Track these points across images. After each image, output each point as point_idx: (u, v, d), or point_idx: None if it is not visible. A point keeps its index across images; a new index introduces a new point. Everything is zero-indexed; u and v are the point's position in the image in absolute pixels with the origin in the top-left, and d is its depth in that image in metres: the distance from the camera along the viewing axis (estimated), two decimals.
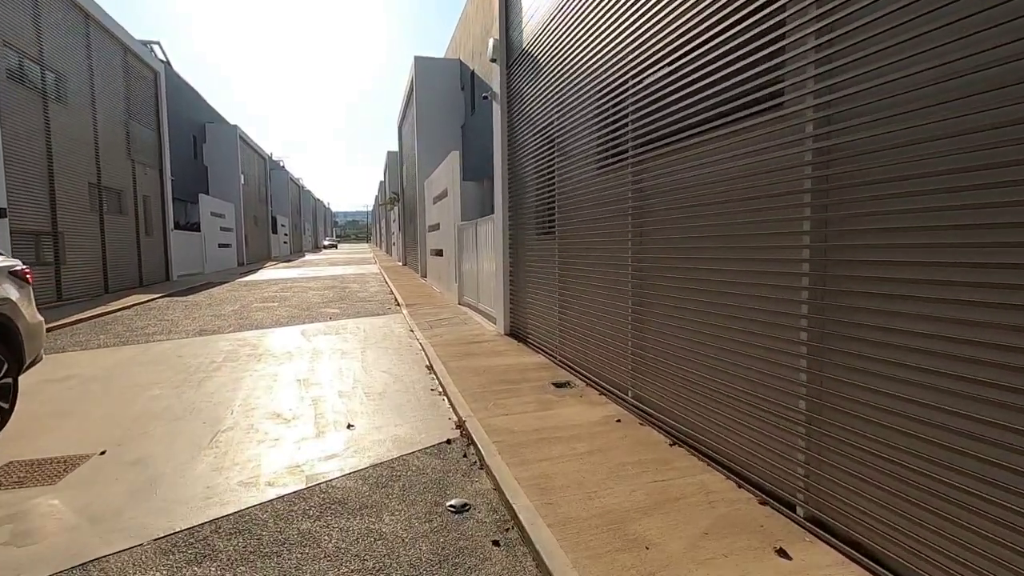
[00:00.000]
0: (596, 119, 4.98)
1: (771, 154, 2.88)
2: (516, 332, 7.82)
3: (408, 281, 18.36)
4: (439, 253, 14.85)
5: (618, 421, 4.27)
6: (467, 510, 3.09)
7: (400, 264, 29.42)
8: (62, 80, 13.12)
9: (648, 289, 4.18)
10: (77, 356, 7.44)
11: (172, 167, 24.80)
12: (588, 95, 5.08)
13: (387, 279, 19.48)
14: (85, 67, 14.20)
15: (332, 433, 4.35)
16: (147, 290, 16.03)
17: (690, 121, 3.58)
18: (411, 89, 20.77)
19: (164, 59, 26.88)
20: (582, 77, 5.18)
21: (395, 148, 33.66)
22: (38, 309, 5.25)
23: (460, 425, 4.41)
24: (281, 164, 56.10)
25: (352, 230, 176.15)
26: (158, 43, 26.97)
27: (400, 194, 29.70)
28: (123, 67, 16.51)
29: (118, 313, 11.77)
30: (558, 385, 5.30)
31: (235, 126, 31.00)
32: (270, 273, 24.80)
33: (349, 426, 4.48)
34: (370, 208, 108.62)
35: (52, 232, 12.48)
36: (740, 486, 3.13)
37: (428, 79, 19.46)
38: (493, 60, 7.93)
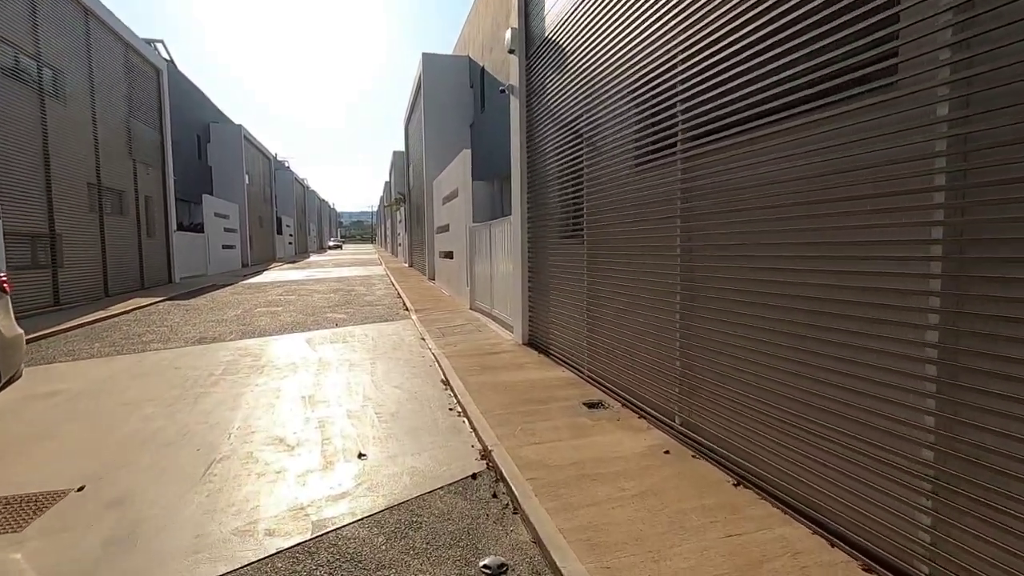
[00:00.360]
0: (635, 110, 4.46)
1: (881, 144, 2.35)
2: (536, 342, 7.30)
3: (415, 284, 17.88)
4: (448, 255, 14.35)
5: (666, 452, 3.74)
6: (505, 573, 2.58)
7: (406, 266, 28.96)
8: (60, 77, 12.69)
9: (702, 301, 3.66)
10: (67, 368, 6.97)
11: (175, 167, 24.43)
12: (625, 83, 4.56)
13: (394, 282, 19.01)
14: (84, 64, 13.78)
15: (341, 464, 3.84)
16: (148, 293, 15.60)
17: (763, 108, 3.05)
18: (418, 86, 20.29)
19: (168, 58, 26.56)
20: (618, 63, 4.66)
21: (401, 148, 33.22)
22: (22, 319, 4.77)
23: (485, 455, 3.90)
24: (286, 164, 55.80)
25: (357, 231, 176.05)
26: (161, 42, 26.66)
27: (406, 195, 29.23)
28: (124, 64, 16.09)
29: (117, 318, 11.32)
30: (590, 406, 4.78)
31: (239, 125, 30.63)
32: (275, 275, 24.38)
33: (360, 455, 3.98)
34: (375, 209, 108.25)
35: (49, 234, 12.05)
36: (833, 544, 2.60)
37: (436, 76, 18.98)
38: (511, 51, 7.42)
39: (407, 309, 11.96)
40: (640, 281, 4.44)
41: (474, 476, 3.63)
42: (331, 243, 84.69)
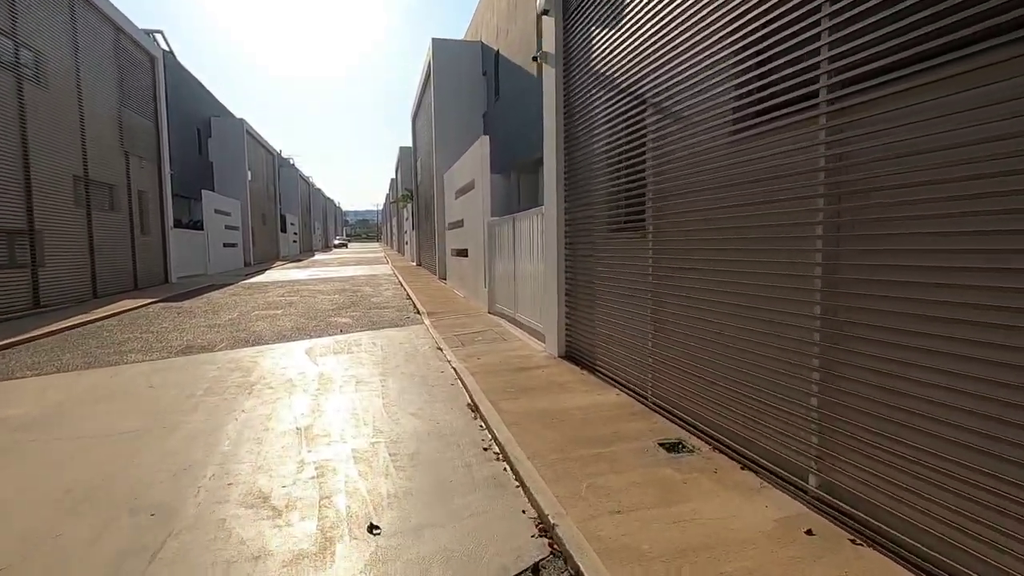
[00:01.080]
0: (736, 59, 3.33)
1: None
2: (577, 355, 6.19)
3: (425, 284, 16.79)
4: (462, 253, 13.25)
5: (809, 533, 2.62)
6: None
7: (414, 264, 27.91)
8: (41, 59, 11.68)
9: (866, 314, 2.53)
10: (24, 386, 5.92)
11: (175, 162, 23.45)
12: (719, 23, 3.43)
13: (402, 281, 17.93)
14: (69, 46, 12.75)
15: (345, 544, 2.75)
16: (141, 294, 14.60)
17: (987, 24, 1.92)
18: (427, 75, 19.19)
19: (167, 48, 25.61)
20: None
21: (407, 144, 32.15)
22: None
23: (546, 530, 2.80)
24: (291, 162, 54.91)
25: (362, 229, 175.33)
26: (160, 32, 25.64)
27: (414, 191, 28.18)
28: (115, 49, 15.07)
29: (100, 323, 10.29)
30: (669, 448, 3.67)
31: (241, 119, 29.64)
32: (277, 274, 23.37)
33: (372, 528, 2.88)
34: (380, 207, 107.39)
35: (28, 230, 11.04)
36: None
37: (446, 63, 17.87)
38: (544, 12, 6.30)
39: (418, 312, 10.87)
40: (743, 283, 3.32)
41: (536, 570, 2.52)
42: (336, 241, 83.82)
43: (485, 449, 3.95)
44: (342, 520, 2.97)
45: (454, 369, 6.14)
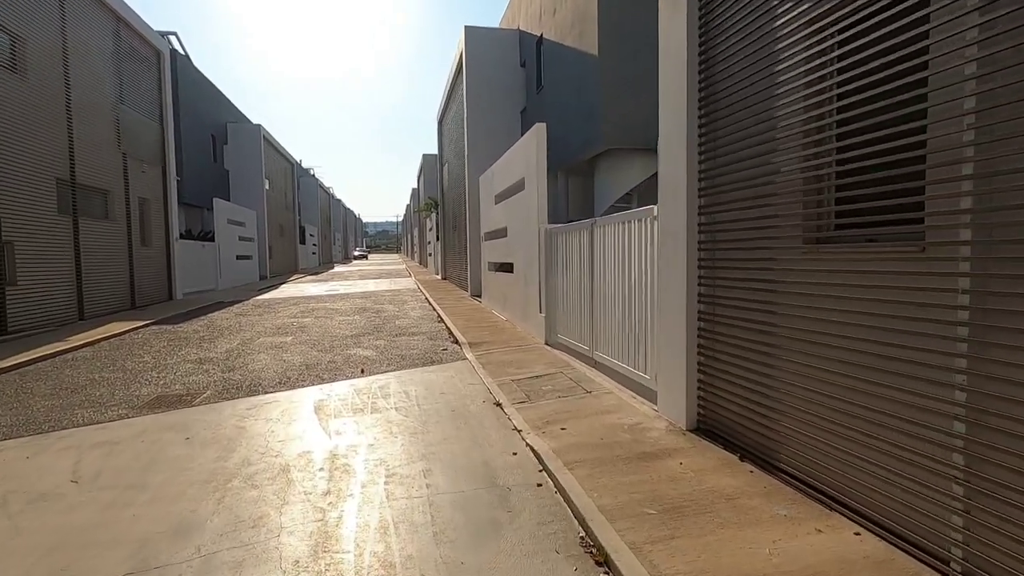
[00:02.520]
0: None
1: None
2: (719, 431, 4.04)
3: (456, 302, 14.76)
4: (505, 268, 11.20)
5: None
6: None
7: (439, 278, 25.99)
8: (18, 44, 10.03)
9: None
10: None
11: (187, 169, 22.00)
12: None
13: (429, 298, 15.95)
14: (55, 32, 11.14)
15: None
16: (137, 314, 12.83)
17: None
18: (459, 67, 17.34)
19: (182, 51, 24.35)
20: None
21: (430, 151, 30.53)
22: None
23: None
24: (311, 172, 53.83)
25: (382, 240, 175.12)
26: (175, 34, 24.43)
27: (439, 199, 26.34)
28: (114, 41, 13.49)
29: (70, 354, 8.44)
30: None
31: (258, 125, 28.21)
32: (293, 289, 21.62)
33: None
34: (400, 218, 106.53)
35: None
36: None
37: (481, 54, 15.99)
38: None
39: (456, 342, 8.81)
40: None
41: None
42: (356, 253, 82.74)
43: None
44: None
45: (532, 452, 4.04)
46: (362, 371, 6.90)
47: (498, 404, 5.34)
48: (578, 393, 5.54)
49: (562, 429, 4.45)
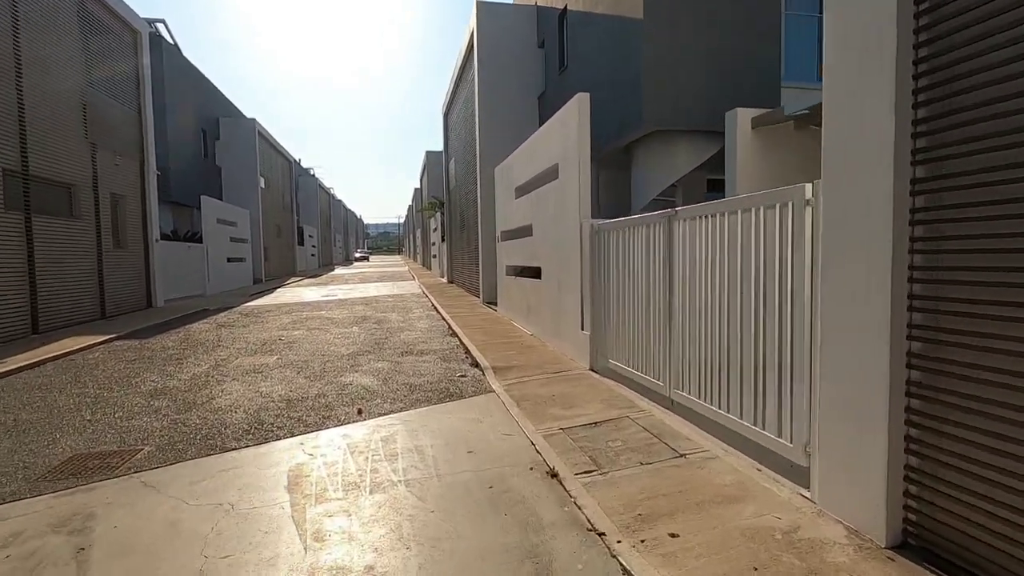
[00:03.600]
0: None
1: None
2: (954, 555, 2.36)
3: (468, 310, 13.10)
4: (529, 273, 9.55)
5: None
6: None
7: (444, 281, 24.34)
8: None
9: None
10: None
11: (175, 165, 20.42)
12: None
13: (437, 305, 14.30)
14: None
15: None
16: (105, 326, 11.21)
17: None
18: (470, 49, 15.71)
19: (171, 41, 22.78)
20: None
21: (434, 148, 28.98)
22: None
23: None
24: (312, 172, 52.27)
25: (384, 242, 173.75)
26: (163, 22, 22.90)
27: (445, 196, 24.71)
28: (79, 15, 11.87)
29: None
30: None
31: (253, 120, 26.60)
32: (288, 294, 19.99)
33: None
34: (402, 219, 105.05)
35: None
36: None
37: (495, 34, 14.36)
38: None
39: (476, 364, 7.16)
40: None
41: None
42: (358, 254, 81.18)
43: None
44: None
45: None
46: (359, 412, 5.24)
47: (553, 474, 3.68)
48: (664, 455, 3.87)
49: (672, 536, 2.80)
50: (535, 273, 9.07)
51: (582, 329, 6.73)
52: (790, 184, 3.28)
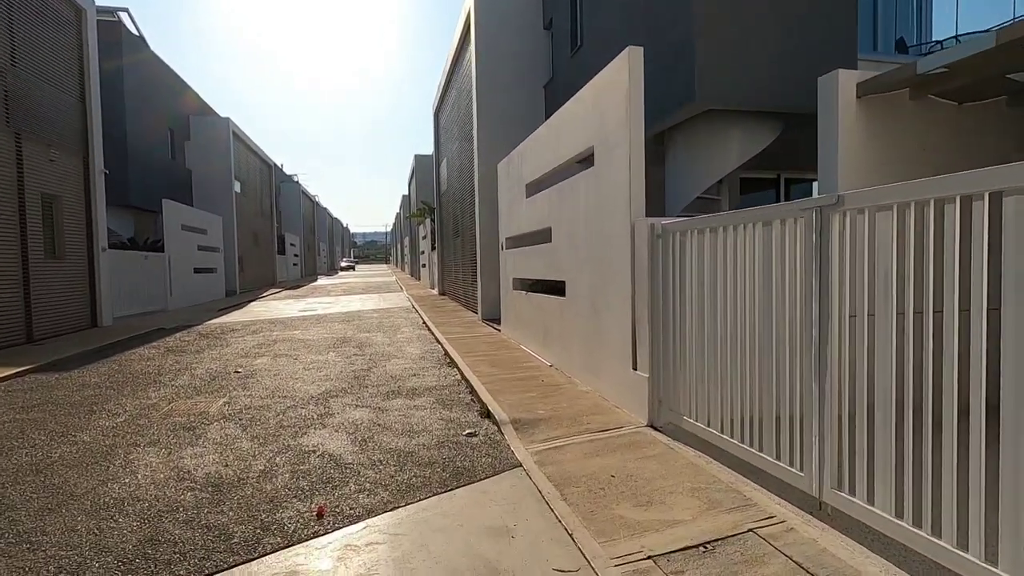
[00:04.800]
0: None
1: None
2: None
3: (466, 330, 11.26)
4: (545, 288, 7.76)
5: None
6: None
7: (435, 293, 22.46)
8: None
9: None
10: None
11: (136, 166, 18.39)
12: None
13: (428, 323, 12.43)
14: None
15: None
16: (26, 353, 9.20)
17: None
18: (465, 33, 13.99)
19: (137, 32, 20.81)
20: None
21: (423, 151, 27.23)
22: None
23: None
24: (295, 179, 50.17)
25: (371, 250, 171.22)
26: (126, 10, 20.90)
27: (435, 201, 22.89)
28: None
29: None
30: None
31: (227, 118, 24.58)
32: (261, 308, 17.97)
33: None
34: (389, 228, 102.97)
35: None
36: None
37: (494, 14, 12.66)
38: None
39: (487, 414, 5.32)
40: None
41: None
42: (343, 264, 78.77)
43: None
44: None
45: None
46: (319, 514, 3.36)
47: None
48: None
49: None
50: (555, 288, 7.27)
51: (634, 368, 4.93)
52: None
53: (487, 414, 5.35)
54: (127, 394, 6.57)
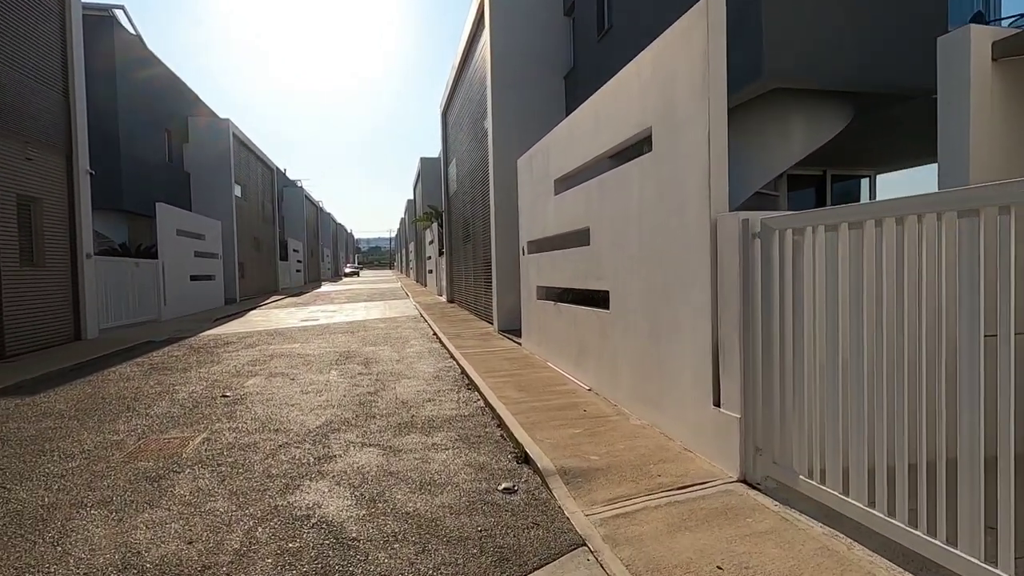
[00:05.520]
0: None
1: None
2: None
3: (481, 342, 10.21)
4: (576, 297, 6.71)
5: None
6: None
7: (444, 300, 21.42)
8: None
9: None
10: None
11: (130, 169, 17.49)
12: None
13: (440, 335, 11.39)
14: None
15: None
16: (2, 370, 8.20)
17: None
18: (478, 23, 13.02)
19: (133, 31, 19.97)
20: None
21: (429, 154, 26.27)
22: None
23: None
24: (299, 183, 49.34)
25: (375, 256, 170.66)
26: (122, 7, 20.09)
27: (444, 204, 21.90)
28: None
29: None
30: None
31: (227, 120, 23.70)
32: (260, 318, 16.98)
33: None
34: (393, 233, 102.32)
35: None
36: None
37: (510, 0, 11.69)
38: None
39: (524, 459, 4.26)
40: None
41: None
42: (348, 269, 77.91)
43: None
44: None
45: None
46: None
47: None
48: None
49: None
50: (592, 299, 6.21)
51: (715, 404, 3.87)
52: None
53: (525, 458, 4.29)
54: (91, 427, 5.55)
